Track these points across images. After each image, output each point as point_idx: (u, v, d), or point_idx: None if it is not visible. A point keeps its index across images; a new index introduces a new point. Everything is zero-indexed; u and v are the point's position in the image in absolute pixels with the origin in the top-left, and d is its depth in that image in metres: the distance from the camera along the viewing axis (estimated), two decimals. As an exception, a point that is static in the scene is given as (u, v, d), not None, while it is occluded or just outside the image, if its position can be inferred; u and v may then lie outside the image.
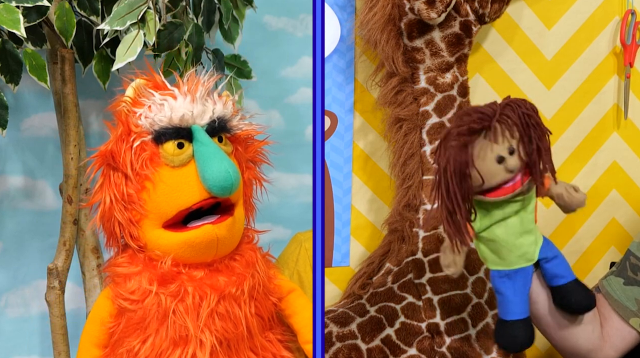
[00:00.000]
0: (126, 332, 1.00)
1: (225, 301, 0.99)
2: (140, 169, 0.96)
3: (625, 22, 1.37)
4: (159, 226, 0.98)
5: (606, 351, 1.18)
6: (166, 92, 0.98)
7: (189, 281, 0.98)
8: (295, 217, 1.43)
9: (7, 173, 1.32)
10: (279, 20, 1.41)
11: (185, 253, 0.98)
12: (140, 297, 0.98)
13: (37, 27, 1.13)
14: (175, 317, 0.97)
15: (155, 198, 0.97)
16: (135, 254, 1.01)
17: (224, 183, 0.94)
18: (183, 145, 0.96)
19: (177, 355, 0.97)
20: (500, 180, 0.98)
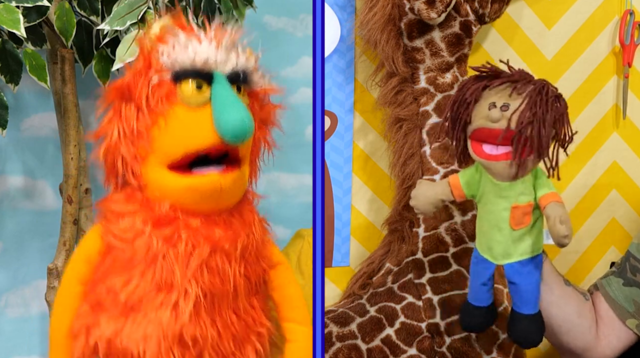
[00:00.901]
0: (110, 271, 0.97)
1: (216, 255, 0.96)
2: (155, 105, 0.94)
3: (624, 22, 1.37)
4: (163, 166, 0.96)
5: (602, 350, 1.18)
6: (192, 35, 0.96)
7: (184, 228, 0.95)
8: (295, 217, 1.43)
9: (7, 173, 1.32)
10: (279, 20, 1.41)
11: (187, 198, 0.95)
12: (132, 237, 0.95)
13: (37, 27, 1.13)
14: (164, 261, 0.94)
15: (165, 136, 0.95)
16: (133, 193, 0.98)
17: (238, 130, 0.92)
18: (201, 87, 0.94)
19: (159, 301, 0.95)
20: (480, 124, 0.96)
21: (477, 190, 1.02)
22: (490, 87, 0.98)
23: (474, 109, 0.98)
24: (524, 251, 1.00)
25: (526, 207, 0.98)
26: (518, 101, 0.95)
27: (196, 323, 0.96)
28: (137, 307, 0.95)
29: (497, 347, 1.21)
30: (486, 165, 0.97)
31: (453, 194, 1.04)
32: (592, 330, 1.17)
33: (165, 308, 0.94)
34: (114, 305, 0.96)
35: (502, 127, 0.94)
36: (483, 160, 0.97)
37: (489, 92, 0.98)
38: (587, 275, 1.45)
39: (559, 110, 0.97)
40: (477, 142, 0.97)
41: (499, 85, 0.98)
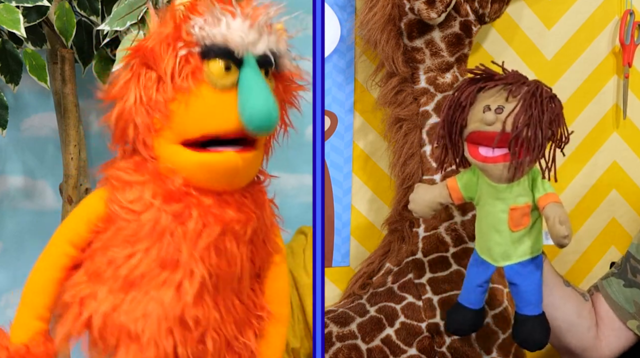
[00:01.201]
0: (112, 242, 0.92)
1: (226, 236, 0.92)
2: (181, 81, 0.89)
3: (624, 22, 1.37)
4: (177, 142, 0.91)
5: (602, 351, 1.18)
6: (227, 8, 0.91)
7: (195, 205, 0.90)
8: (295, 217, 1.43)
9: (7, 173, 1.32)
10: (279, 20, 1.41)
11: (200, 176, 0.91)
12: (139, 209, 0.90)
13: (37, 27, 1.13)
14: (172, 239, 0.89)
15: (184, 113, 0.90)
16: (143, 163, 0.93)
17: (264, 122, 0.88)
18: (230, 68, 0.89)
19: (162, 279, 0.90)
20: (475, 127, 0.96)
21: (475, 192, 1.02)
22: (484, 89, 0.98)
23: (470, 112, 0.98)
24: (524, 252, 0.99)
25: (524, 208, 0.98)
26: (512, 103, 0.95)
27: (199, 305, 0.92)
28: (139, 283, 0.91)
29: (497, 347, 1.21)
30: (482, 168, 0.97)
31: (451, 197, 1.04)
32: (591, 331, 1.17)
33: (168, 288, 0.90)
34: (114, 279, 0.91)
35: (497, 129, 0.94)
36: (479, 163, 0.96)
37: (484, 95, 0.98)
38: (587, 275, 1.45)
39: (554, 111, 0.96)
40: (473, 145, 0.97)
41: (493, 88, 0.98)
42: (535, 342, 1.01)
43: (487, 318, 1.21)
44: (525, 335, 1.01)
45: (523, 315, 1.01)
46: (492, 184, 0.98)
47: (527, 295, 1.01)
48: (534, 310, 1.01)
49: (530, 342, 1.02)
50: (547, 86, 0.98)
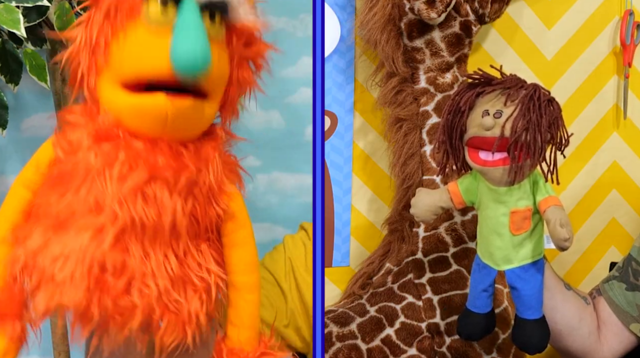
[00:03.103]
0: (52, 183, 0.92)
1: (155, 183, 0.89)
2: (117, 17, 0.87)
3: (625, 22, 1.37)
4: (116, 84, 0.90)
5: (603, 354, 1.18)
6: None
7: (124, 147, 0.89)
8: (295, 217, 1.43)
9: (7, 173, 1.32)
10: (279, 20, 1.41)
11: (132, 119, 0.89)
12: (74, 149, 0.90)
13: (37, 27, 1.13)
14: (98, 179, 0.88)
15: (121, 53, 0.88)
16: (90, 106, 0.93)
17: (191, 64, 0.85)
18: (167, 5, 0.86)
19: (87, 221, 0.88)
20: (472, 132, 0.96)
21: (476, 196, 1.02)
22: (483, 94, 0.98)
23: (469, 117, 0.98)
24: (525, 256, 0.99)
25: (525, 211, 0.97)
26: (511, 108, 0.95)
27: (122, 252, 0.89)
28: (65, 224, 0.89)
29: (497, 347, 1.21)
30: (482, 172, 0.97)
31: (453, 201, 1.04)
32: (592, 335, 1.17)
33: (88, 230, 0.88)
34: (47, 217, 0.90)
35: (496, 134, 0.94)
36: (479, 167, 0.96)
37: (482, 100, 0.98)
38: (587, 276, 1.45)
39: (552, 114, 0.96)
40: (473, 149, 0.97)
41: (491, 92, 0.98)
42: (535, 345, 1.01)
43: (487, 319, 1.21)
44: (525, 339, 1.01)
45: (523, 318, 1.01)
46: (493, 188, 0.98)
47: (528, 299, 1.01)
48: (534, 314, 1.01)
49: (530, 346, 1.02)
50: (546, 89, 0.98)
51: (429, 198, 1.06)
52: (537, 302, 1.01)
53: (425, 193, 1.07)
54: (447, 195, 1.04)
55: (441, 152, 1.02)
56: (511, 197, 0.97)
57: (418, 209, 1.07)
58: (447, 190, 1.05)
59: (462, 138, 0.99)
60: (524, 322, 1.01)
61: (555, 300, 1.14)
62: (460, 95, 0.99)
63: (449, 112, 1.00)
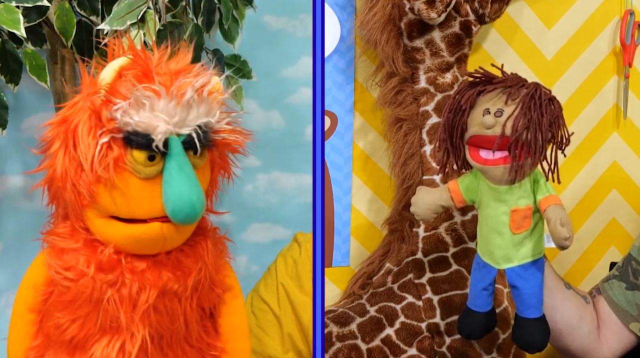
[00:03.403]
0: (57, 306, 0.94)
1: (165, 297, 0.92)
2: (102, 170, 0.86)
3: (625, 22, 1.37)
4: (105, 216, 0.91)
5: (603, 353, 1.18)
6: (151, 88, 0.86)
7: (128, 271, 0.90)
8: (295, 217, 1.43)
9: (7, 173, 1.32)
10: (279, 20, 1.41)
11: (129, 245, 0.91)
12: (75, 277, 0.91)
13: (37, 27, 1.13)
14: (109, 305, 0.90)
15: (109, 198, 0.89)
16: (78, 229, 0.93)
17: (186, 218, 0.87)
18: (154, 158, 0.86)
19: (104, 343, 0.92)
20: (475, 131, 0.96)
21: (476, 195, 1.02)
22: (484, 93, 0.98)
23: (470, 116, 0.98)
24: (525, 255, 0.99)
25: (526, 210, 0.97)
26: (512, 107, 0.95)
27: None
28: (83, 345, 0.93)
29: (497, 347, 1.21)
30: (483, 170, 0.97)
31: (453, 200, 1.04)
32: (592, 334, 1.17)
33: (112, 350, 0.92)
34: (60, 342, 0.94)
35: (497, 133, 0.94)
36: (480, 166, 0.96)
37: (483, 98, 0.98)
38: (587, 276, 1.45)
39: (553, 113, 0.96)
40: (474, 148, 0.97)
41: (492, 91, 0.98)
42: (536, 344, 1.02)
43: (487, 319, 1.21)
44: (526, 338, 1.01)
45: (523, 317, 1.01)
46: (493, 186, 0.98)
47: (528, 298, 1.01)
48: (534, 313, 1.01)
49: (530, 345, 1.02)
50: (546, 88, 0.98)
51: (430, 196, 1.06)
52: (537, 300, 1.01)
53: (426, 192, 1.07)
54: (448, 193, 1.04)
55: (442, 150, 1.02)
56: (512, 195, 0.97)
57: (418, 208, 1.07)
58: (448, 188, 1.05)
59: (462, 137, 0.99)
60: (524, 320, 1.01)
61: (555, 299, 1.14)
62: (461, 94, 0.99)
63: (449, 111, 1.00)
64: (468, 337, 1.08)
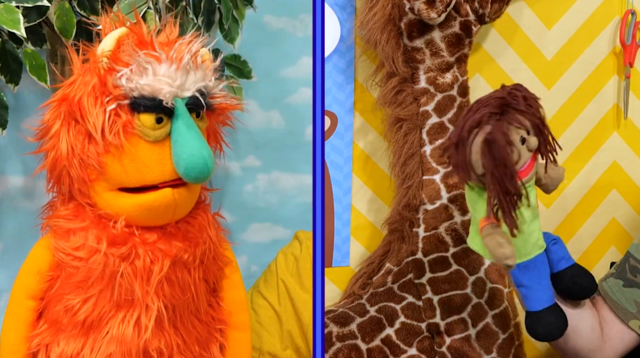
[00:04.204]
0: (65, 289, 0.94)
1: (176, 267, 0.94)
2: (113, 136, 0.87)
3: (625, 22, 1.37)
4: (114, 189, 0.91)
5: (606, 352, 1.18)
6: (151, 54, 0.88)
7: (140, 244, 0.92)
8: (295, 217, 1.43)
9: (7, 173, 1.32)
10: (279, 20, 1.41)
11: (140, 216, 0.92)
12: (86, 255, 0.91)
13: (37, 27, 1.13)
14: (123, 279, 0.91)
15: (118, 167, 0.90)
16: (82, 209, 0.94)
17: (200, 174, 0.88)
18: (162, 120, 0.88)
19: (119, 318, 0.93)
20: (526, 159, 0.96)
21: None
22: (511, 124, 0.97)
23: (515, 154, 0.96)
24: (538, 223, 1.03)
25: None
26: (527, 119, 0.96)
27: (160, 335, 0.94)
28: (97, 325, 0.93)
29: (497, 347, 1.21)
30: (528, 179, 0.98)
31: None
32: (595, 332, 1.17)
33: (127, 325, 0.93)
34: (73, 324, 0.94)
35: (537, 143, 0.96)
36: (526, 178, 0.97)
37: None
38: (587, 275, 1.45)
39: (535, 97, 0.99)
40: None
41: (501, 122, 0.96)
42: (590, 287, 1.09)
43: (487, 318, 1.21)
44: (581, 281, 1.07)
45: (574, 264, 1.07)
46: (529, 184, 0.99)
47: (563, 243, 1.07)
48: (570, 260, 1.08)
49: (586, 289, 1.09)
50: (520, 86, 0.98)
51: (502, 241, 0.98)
52: None
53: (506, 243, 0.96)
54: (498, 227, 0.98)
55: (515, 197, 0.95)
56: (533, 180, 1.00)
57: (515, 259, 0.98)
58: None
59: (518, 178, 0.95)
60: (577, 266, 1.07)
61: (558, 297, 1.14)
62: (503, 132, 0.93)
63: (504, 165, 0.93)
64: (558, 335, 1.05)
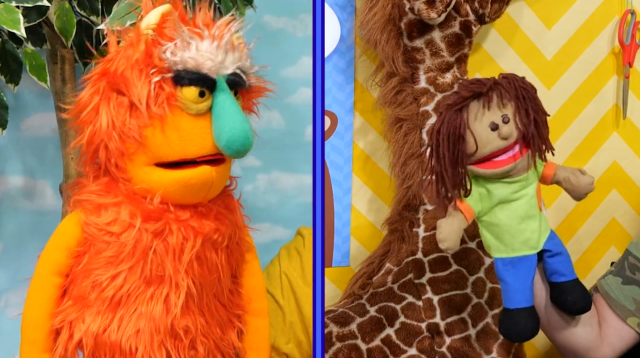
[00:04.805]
0: (94, 264, 0.94)
1: (205, 246, 0.95)
2: (157, 108, 0.89)
3: (624, 22, 1.37)
4: (151, 164, 0.92)
5: (604, 350, 1.18)
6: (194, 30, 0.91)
7: (174, 220, 0.93)
8: (295, 217, 1.43)
9: (7, 173, 1.32)
10: (279, 20, 1.41)
11: (176, 192, 0.92)
12: (119, 230, 0.92)
13: (37, 27, 1.13)
14: (154, 256, 0.92)
15: (159, 140, 0.90)
16: (114, 184, 0.94)
17: (241, 147, 0.90)
18: (204, 94, 0.90)
19: (148, 295, 0.93)
20: (494, 147, 0.97)
21: (486, 202, 1.02)
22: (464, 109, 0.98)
23: (472, 140, 0.97)
24: (547, 226, 1.04)
25: (539, 184, 1.02)
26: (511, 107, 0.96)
27: (187, 314, 0.95)
28: (126, 301, 0.93)
29: (497, 347, 1.21)
30: (506, 171, 0.98)
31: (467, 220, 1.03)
32: (594, 331, 1.17)
33: (157, 302, 0.93)
34: (100, 300, 0.94)
35: (514, 138, 0.96)
36: (506, 167, 0.98)
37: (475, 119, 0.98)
38: (587, 275, 1.45)
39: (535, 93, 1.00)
40: (486, 162, 0.98)
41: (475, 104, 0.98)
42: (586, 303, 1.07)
43: (487, 318, 1.21)
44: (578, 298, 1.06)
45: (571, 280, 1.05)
46: (516, 179, 0.99)
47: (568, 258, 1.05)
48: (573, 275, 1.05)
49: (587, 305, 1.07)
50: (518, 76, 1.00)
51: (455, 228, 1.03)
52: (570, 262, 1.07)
53: (448, 226, 1.03)
54: (462, 215, 1.02)
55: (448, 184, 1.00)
56: (532, 176, 1.01)
57: (450, 242, 1.03)
58: (460, 210, 1.02)
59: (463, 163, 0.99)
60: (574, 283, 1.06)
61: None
62: (452, 123, 0.97)
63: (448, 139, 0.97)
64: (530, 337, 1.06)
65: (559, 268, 1.05)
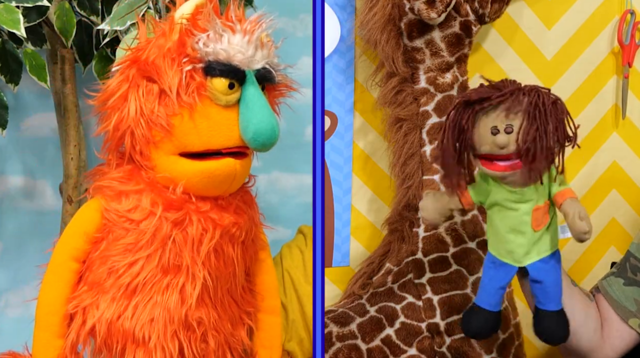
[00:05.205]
0: (111, 250, 0.94)
1: (222, 240, 0.95)
2: (187, 96, 0.90)
3: (624, 22, 1.37)
4: (176, 153, 0.93)
5: (606, 351, 1.18)
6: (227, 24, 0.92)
7: (195, 211, 0.93)
8: (295, 217, 1.43)
9: (7, 173, 1.32)
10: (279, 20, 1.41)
11: (200, 183, 0.93)
12: (139, 218, 0.93)
13: (37, 27, 1.13)
14: (173, 245, 0.92)
15: (186, 129, 0.91)
16: (135, 171, 0.95)
17: (267, 140, 0.91)
18: (233, 86, 0.91)
19: (164, 284, 0.93)
20: (487, 149, 0.95)
21: (486, 197, 1.02)
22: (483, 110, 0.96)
23: (475, 134, 0.97)
24: (545, 249, 1.00)
25: (544, 206, 0.98)
26: (518, 119, 0.94)
27: (201, 306, 0.95)
28: (142, 289, 0.93)
29: (497, 347, 1.21)
30: (502, 176, 0.97)
31: (461, 202, 1.03)
32: (597, 332, 1.17)
33: (172, 292, 0.93)
34: (116, 287, 0.94)
35: (511, 150, 0.94)
36: (499, 173, 0.96)
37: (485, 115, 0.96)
38: (587, 275, 1.45)
39: (557, 116, 0.96)
40: (487, 160, 0.97)
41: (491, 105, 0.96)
42: (559, 336, 1.02)
43: (487, 318, 1.21)
44: (549, 331, 1.02)
45: (546, 310, 1.02)
46: (513, 189, 0.97)
47: (552, 289, 1.01)
48: (557, 305, 1.01)
49: (554, 337, 1.03)
50: (546, 88, 0.98)
51: (438, 201, 1.05)
52: (559, 292, 1.02)
53: (434, 196, 1.06)
54: (456, 196, 1.03)
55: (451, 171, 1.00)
56: (534, 194, 0.97)
57: (428, 213, 1.05)
58: (458, 194, 1.03)
59: (468, 152, 0.98)
60: (547, 314, 1.02)
61: (563, 296, 1.14)
62: (458, 114, 0.97)
63: (451, 132, 0.98)
64: (475, 336, 1.07)
65: (537, 295, 1.03)
